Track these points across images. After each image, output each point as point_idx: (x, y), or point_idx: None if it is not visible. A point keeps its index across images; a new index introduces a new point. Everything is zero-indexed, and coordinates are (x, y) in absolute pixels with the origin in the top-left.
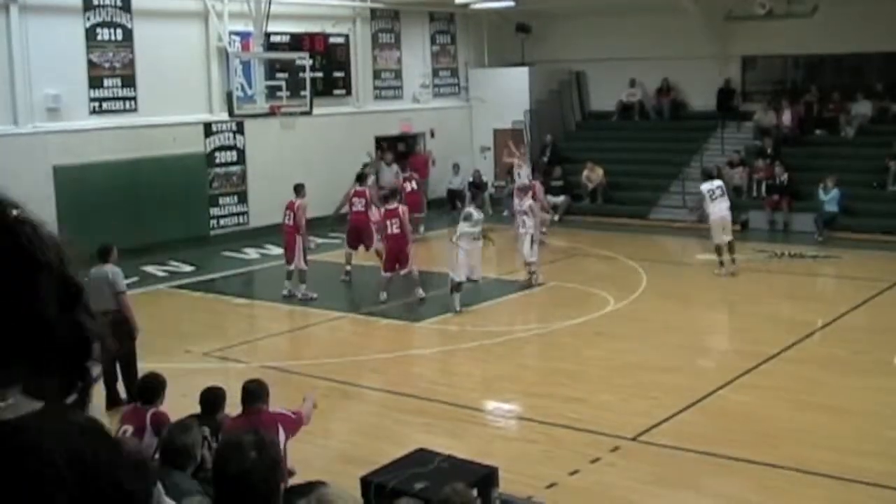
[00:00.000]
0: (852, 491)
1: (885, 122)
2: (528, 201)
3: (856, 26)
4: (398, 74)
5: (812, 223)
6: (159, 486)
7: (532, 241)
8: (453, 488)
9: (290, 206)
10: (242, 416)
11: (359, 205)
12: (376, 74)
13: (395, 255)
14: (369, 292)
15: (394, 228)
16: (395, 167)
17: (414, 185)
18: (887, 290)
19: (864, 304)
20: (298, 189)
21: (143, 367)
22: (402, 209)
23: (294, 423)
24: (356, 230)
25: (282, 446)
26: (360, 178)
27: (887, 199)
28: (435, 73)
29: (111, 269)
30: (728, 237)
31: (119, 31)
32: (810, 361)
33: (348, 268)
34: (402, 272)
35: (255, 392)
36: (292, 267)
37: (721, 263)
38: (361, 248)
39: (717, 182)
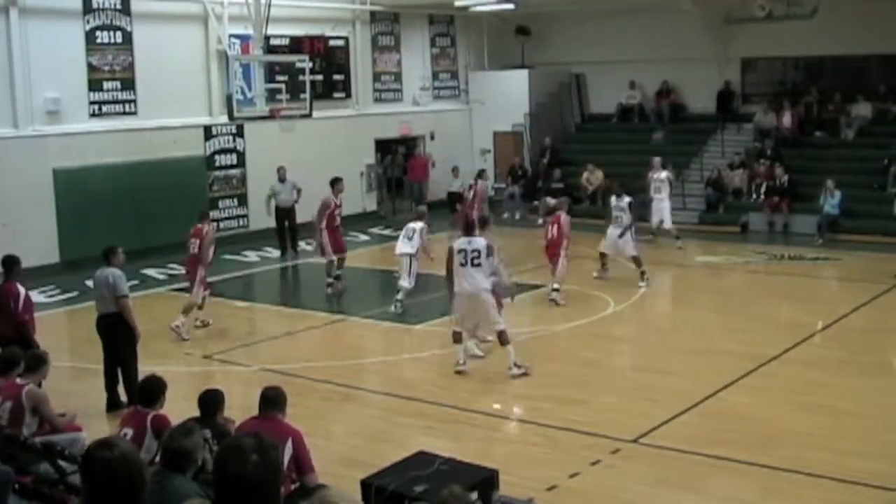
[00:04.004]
0: (853, 493)
1: (885, 123)
2: None
3: (856, 28)
4: (398, 77)
5: (810, 224)
6: None
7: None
8: (452, 491)
9: (196, 234)
10: (256, 420)
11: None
12: (376, 77)
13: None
14: (367, 295)
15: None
16: (290, 183)
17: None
18: (887, 292)
19: (863, 306)
20: (201, 215)
21: (144, 370)
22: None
23: (303, 447)
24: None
25: (285, 459)
26: None
27: (887, 201)
28: (435, 75)
29: (112, 273)
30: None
31: (119, 34)
32: (810, 363)
33: (330, 280)
34: None
35: (272, 399)
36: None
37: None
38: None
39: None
